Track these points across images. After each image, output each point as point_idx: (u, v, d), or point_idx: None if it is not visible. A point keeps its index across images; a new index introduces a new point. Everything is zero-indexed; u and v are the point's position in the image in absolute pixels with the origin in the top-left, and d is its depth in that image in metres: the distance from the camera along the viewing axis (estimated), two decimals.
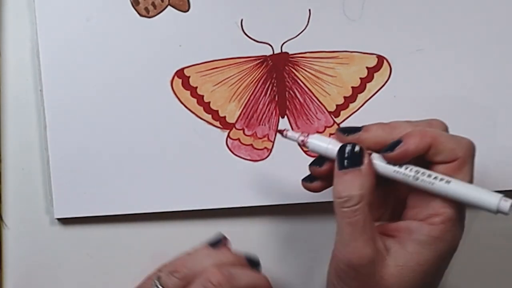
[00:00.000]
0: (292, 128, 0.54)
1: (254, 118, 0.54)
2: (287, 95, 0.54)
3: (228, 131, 0.54)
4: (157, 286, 0.48)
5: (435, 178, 0.42)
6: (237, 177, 0.53)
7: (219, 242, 0.49)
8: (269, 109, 0.54)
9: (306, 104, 0.54)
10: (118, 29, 0.52)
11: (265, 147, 0.54)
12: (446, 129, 0.45)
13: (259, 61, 0.53)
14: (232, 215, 0.54)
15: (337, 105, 0.54)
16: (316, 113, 0.54)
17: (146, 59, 0.53)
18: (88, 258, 0.55)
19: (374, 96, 0.54)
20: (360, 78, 0.54)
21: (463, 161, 0.43)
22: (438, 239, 0.42)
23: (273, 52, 0.53)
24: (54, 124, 0.53)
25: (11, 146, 0.55)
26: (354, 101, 0.54)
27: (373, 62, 0.53)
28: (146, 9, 0.52)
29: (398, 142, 0.43)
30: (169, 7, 0.52)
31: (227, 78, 0.53)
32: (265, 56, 0.53)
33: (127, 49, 0.52)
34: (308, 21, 0.53)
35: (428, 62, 0.53)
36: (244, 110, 0.54)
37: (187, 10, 0.53)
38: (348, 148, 0.43)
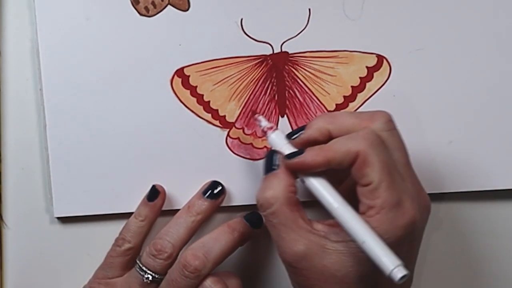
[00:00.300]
0: (292, 127, 0.54)
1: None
2: (287, 95, 0.54)
3: (228, 130, 0.54)
4: (142, 269, 0.51)
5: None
6: (237, 176, 0.53)
7: (156, 194, 0.53)
8: (268, 108, 0.54)
9: (306, 103, 0.54)
10: (118, 28, 0.52)
11: (265, 146, 0.54)
12: (389, 119, 0.46)
13: (259, 60, 0.53)
14: (232, 213, 0.54)
15: (336, 105, 0.54)
16: (316, 112, 0.54)
17: (146, 58, 0.53)
18: (88, 257, 0.55)
19: (374, 96, 0.54)
20: (360, 78, 0.54)
21: (363, 155, 0.43)
22: (377, 228, 0.42)
23: (273, 51, 0.53)
24: (54, 124, 0.53)
25: (11, 146, 0.55)
26: (353, 100, 0.54)
27: (373, 61, 0.53)
28: (146, 8, 0.52)
29: (299, 152, 0.45)
30: (169, 6, 0.52)
31: (227, 77, 0.53)
32: (265, 55, 0.53)
33: (127, 48, 0.53)
34: (308, 21, 0.53)
35: (427, 62, 0.53)
36: (244, 109, 0.54)
37: (187, 9, 0.53)
38: (268, 156, 0.47)
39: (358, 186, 0.44)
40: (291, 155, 0.45)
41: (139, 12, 0.53)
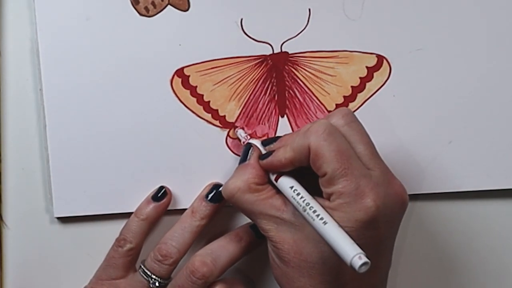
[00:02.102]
0: (291, 127, 0.54)
1: (254, 117, 0.54)
2: (286, 95, 0.54)
3: (228, 130, 0.54)
4: (147, 274, 0.51)
5: (318, 215, 0.43)
6: None
7: (164, 195, 0.53)
8: (268, 108, 0.54)
9: (306, 103, 0.54)
10: (118, 28, 0.52)
11: None
12: (346, 113, 0.47)
13: (258, 60, 0.53)
14: (233, 213, 0.55)
15: (336, 105, 0.54)
16: (316, 112, 0.54)
17: (146, 58, 0.53)
18: (88, 257, 0.55)
19: (374, 96, 0.54)
20: (360, 78, 0.54)
21: (314, 148, 0.44)
22: (337, 213, 0.43)
23: (273, 51, 0.53)
24: (54, 124, 0.53)
25: (11, 146, 0.55)
26: (353, 100, 0.54)
27: (372, 61, 0.53)
28: (146, 8, 0.52)
29: (268, 154, 0.47)
30: (169, 6, 0.52)
31: (227, 77, 0.53)
32: (265, 55, 0.53)
33: (127, 48, 0.52)
34: (308, 21, 0.53)
35: (427, 62, 0.53)
36: (243, 109, 0.54)
37: (187, 10, 0.53)
38: (244, 149, 0.50)
39: (319, 177, 0.45)
40: (263, 156, 0.48)
41: (139, 12, 0.53)
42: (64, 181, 0.53)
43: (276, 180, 0.47)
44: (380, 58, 0.53)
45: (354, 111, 0.53)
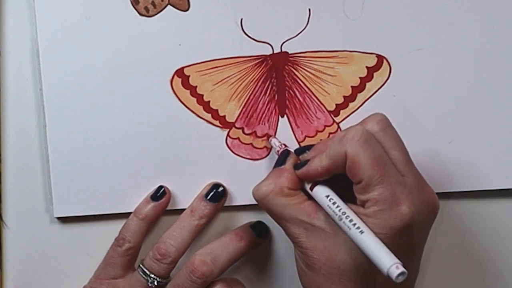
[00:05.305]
0: (291, 127, 0.54)
1: (254, 117, 0.54)
2: (286, 95, 0.54)
3: (227, 130, 0.54)
4: (146, 273, 0.51)
5: (354, 224, 0.43)
6: (236, 176, 0.53)
7: (162, 194, 0.53)
8: (268, 108, 0.54)
9: (306, 103, 0.54)
10: (118, 28, 0.52)
11: (265, 146, 0.54)
12: (380, 119, 0.47)
13: (258, 60, 0.53)
14: (232, 213, 0.55)
15: (336, 105, 0.54)
16: (316, 112, 0.54)
17: (146, 58, 0.53)
18: (88, 257, 0.55)
19: (374, 96, 0.54)
20: (360, 78, 0.54)
21: (350, 155, 0.44)
22: (373, 220, 0.43)
23: (273, 51, 0.53)
24: (54, 124, 0.53)
25: (11, 146, 0.55)
26: (353, 100, 0.54)
27: (372, 61, 0.53)
28: (146, 8, 0.52)
29: (303, 163, 0.47)
30: (169, 6, 0.52)
31: (227, 77, 0.53)
32: (265, 55, 0.53)
33: (127, 48, 0.53)
34: (308, 21, 0.53)
35: (427, 62, 0.53)
36: (243, 109, 0.54)
37: (187, 9, 0.53)
38: (282, 153, 0.50)
39: (353, 184, 0.44)
40: (298, 166, 0.48)
41: (139, 12, 0.53)
42: (64, 181, 0.53)
43: (311, 189, 0.47)
44: (380, 58, 0.53)
45: (354, 111, 0.54)
